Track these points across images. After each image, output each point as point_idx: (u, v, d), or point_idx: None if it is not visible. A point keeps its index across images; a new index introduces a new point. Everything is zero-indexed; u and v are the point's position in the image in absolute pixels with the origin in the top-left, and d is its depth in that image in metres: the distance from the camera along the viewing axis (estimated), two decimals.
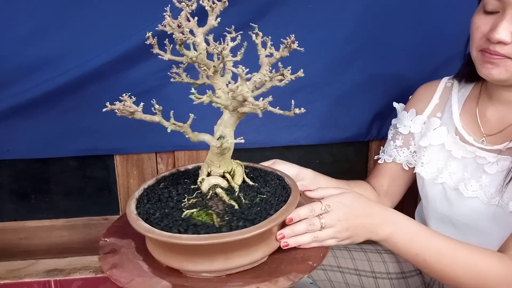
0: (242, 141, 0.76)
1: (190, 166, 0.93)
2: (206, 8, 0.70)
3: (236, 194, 0.80)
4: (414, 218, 1.20)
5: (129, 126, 1.19)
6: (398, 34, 1.25)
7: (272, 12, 1.17)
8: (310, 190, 0.83)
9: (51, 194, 1.32)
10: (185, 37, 0.69)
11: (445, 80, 1.11)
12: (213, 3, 0.70)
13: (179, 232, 0.70)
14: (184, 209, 0.77)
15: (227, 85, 0.77)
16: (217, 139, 0.78)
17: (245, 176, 0.85)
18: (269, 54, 0.76)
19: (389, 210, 0.84)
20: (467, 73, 1.04)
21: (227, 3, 0.70)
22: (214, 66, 0.73)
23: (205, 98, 0.72)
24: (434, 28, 1.25)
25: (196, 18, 0.71)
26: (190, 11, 0.70)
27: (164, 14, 0.70)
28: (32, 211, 1.33)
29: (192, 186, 0.83)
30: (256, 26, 0.74)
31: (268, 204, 0.77)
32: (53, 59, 1.13)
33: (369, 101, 1.31)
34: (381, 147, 1.19)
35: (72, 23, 1.11)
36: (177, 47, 0.71)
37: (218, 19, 0.71)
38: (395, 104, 1.18)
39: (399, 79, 1.29)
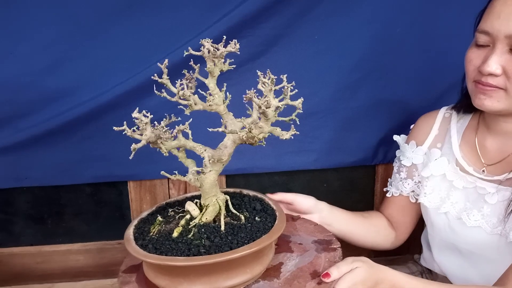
0: (196, 182, 0.85)
1: (250, 193, 0.99)
2: (203, 56, 0.76)
3: (189, 227, 0.83)
4: (420, 244, 1.23)
5: (142, 154, 1.20)
6: (403, 62, 1.28)
7: (280, 43, 1.20)
8: (328, 275, 0.82)
9: (67, 219, 1.35)
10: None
11: (443, 110, 1.13)
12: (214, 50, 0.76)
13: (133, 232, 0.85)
14: (159, 215, 0.90)
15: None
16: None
17: (222, 218, 0.85)
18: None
19: (389, 271, 0.86)
20: (466, 104, 1.06)
21: (221, 52, 0.75)
22: (191, 106, 0.82)
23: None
24: (438, 56, 1.28)
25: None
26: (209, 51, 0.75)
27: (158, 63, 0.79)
28: (49, 236, 1.35)
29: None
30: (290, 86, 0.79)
31: (190, 252, 0.77)
32: (69, 91, 1.17)
33: (375, 127, 1.34)
34: (389, 179, 1.21)
35: (88, 56, 1.15)
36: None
37: (213, 64, 0.76)
38: (395, 137, 1.20)
39: (404, 105, 1.32)
